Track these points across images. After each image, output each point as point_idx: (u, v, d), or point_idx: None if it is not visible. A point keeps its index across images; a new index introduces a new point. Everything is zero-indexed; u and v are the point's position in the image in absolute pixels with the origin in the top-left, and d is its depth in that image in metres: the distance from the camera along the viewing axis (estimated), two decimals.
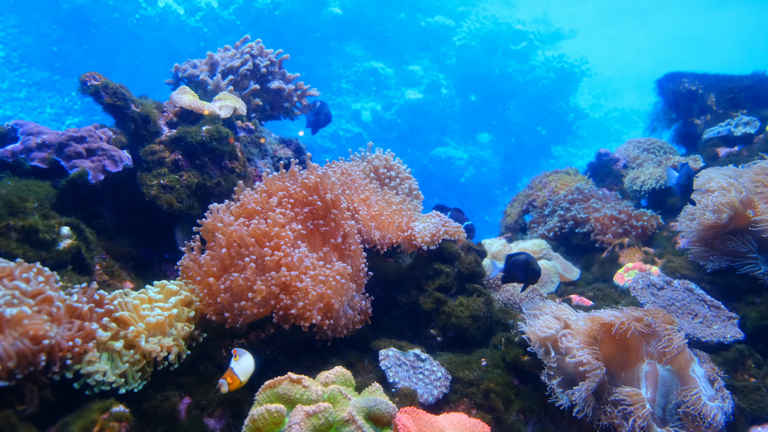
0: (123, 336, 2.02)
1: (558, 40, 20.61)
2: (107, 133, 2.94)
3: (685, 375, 2.32)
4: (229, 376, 1.95)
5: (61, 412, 1.83)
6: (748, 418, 2.46)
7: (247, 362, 2.02)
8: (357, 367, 2.49)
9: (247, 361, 2.02)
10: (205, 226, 2.55)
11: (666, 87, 5.75)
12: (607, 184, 5.43)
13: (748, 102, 5.09)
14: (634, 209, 4.50)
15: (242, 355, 2.03)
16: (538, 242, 4.28)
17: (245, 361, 2.02)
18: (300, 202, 2.69)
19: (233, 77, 3.70)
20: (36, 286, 1.88)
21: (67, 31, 14.86)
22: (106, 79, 2.97)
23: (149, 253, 3.10)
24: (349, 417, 1.77)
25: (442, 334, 2.86)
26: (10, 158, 2.68)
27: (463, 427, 2.11)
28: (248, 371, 2.01)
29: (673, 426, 2.19)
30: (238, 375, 1.96)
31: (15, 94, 14.58)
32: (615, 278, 3.72)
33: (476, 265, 3.12)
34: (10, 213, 2.33)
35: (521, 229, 5.30)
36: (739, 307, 3.09)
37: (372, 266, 2.84)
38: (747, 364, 2.70)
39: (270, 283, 2.29)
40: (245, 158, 3.33)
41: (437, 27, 18.12)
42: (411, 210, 3.17)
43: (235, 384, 1.95)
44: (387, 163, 3.40)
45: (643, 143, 5.46)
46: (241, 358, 2.02)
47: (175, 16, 15.14)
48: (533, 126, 18.89)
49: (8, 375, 1.69)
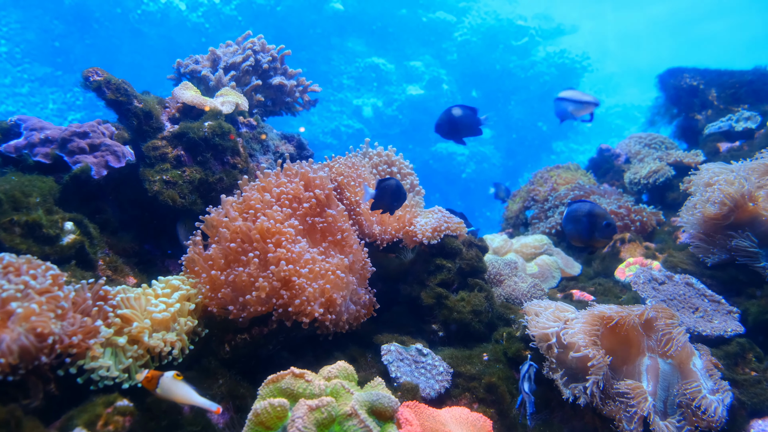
0: (127, 332, 2.03)
1: (559, 35, 20.59)
2: (110, 129, 2.95)
3: (686, 368, 2.33)
4: (155, 378, 1.88)
5: (66, 407, 1.84)
6: (749, 411, 2.46)
7: (175, 386, 1.89)
8: (359, 362, 2.50)
9: (176, 386, 1.90)
10: (208, 221, 2.56)
11: (667, 82, 5.74)
12: (609, 179, 5.44)
13: (749, 97, 5.08)
14: (634, 204, 4.51)
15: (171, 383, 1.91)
16: (539, 237, 4.28)
17: (175, 386, 1.90)
18: (296, 198, 2.69)
19: (235, 73, 3.70)
20: (43, 283, 1.89)
21: (69, 26, 14.87)
22: (109, 74, 2.97)
23: (152, 248, 3.11)
24: (351, 411, 1.78)
25: (444, 329, 2.87)
26: (14, 153, 2.68)
27: (465, 421, 2.12)
28: (174, 394, 1.89)
29: (675, 418, 2.20)
30: (160, 386, 1.88)
31: (17, 90, 14.60)
32: (616, 273, 3.73)
33: (477, 260, 3.13)
34: (14, 208, 2.33)
35: (523, 224, 5.30)
36: (740, 301, 3.10)
37: (374, 261, 2.85)
38: (748, 357, 2.71)
39: (271, 279, 2.30)
40: (247, 154, 3.34)
41: (438, 23, 18.11)
42: (412, 205, 3.18)
43: (150, 384, 1.87)
44: (389, 159, 3.41)
45: (644, 138, 5.45)
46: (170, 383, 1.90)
47: (176, 11, 15.14)
48: (534, 121, 18.90)
49: (12, 370, 1.70)
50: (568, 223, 2.27)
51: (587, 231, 2.22)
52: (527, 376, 2.21)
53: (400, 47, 18.04)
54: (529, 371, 2.23)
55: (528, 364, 2.27)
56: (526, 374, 2.22)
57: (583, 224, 2.22)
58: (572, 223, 2.26)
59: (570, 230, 2.28)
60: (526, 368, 2.25)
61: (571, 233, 2.29)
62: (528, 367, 2.25)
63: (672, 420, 2.19)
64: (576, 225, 2.26)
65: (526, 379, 2.19)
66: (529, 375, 2.23)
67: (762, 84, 5.07)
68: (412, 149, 17.28)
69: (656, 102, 5.90)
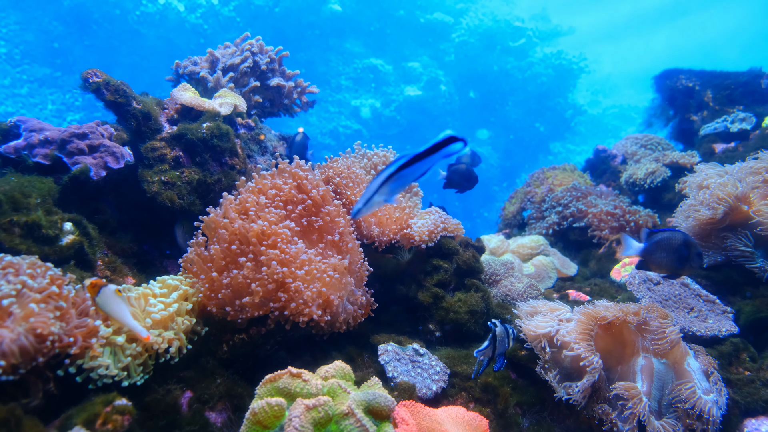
0: (126, 330, 2.04)
1: (556, 36, 20.62)
2: (109, 130, 2.96)
3: (681, 368, 2.35)
4: (98, 286, 1.94)
5: (65, 406, 1.85)
6: (742, 411, 2.49)
7: (113, 301, 1.96)
8: (356, 362, 2.52)
9: (113, 301, 1.96)
10: (207, 222, 2.58)
11: (663, 83, 5.77)
12: (605, 180, 5.46)
13: (744, 98, 5.12)
14: (630, 205, 4.53)
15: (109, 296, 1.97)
16: (536, 238, 4.31)
17: (112, 300, 1.97)
18: (290, 200, 2.71)
19: (233, 74, 3.72)
20: (42, 282, 1.90)
21: (68, 27, 14.86)
22: (108, 76, 2.99)
23: (150, 249, 3.13)
24: (348, 410, 1.80)
25: (441, 329, 2.89)
26: (13, 154, 2.70)
27: (462, 420, 2.13)
28: (110, 308, 1.96)
29: (670, 418, 2.22)
30: (100, 295, 1.95)
31: (16, 91, 14.59)
32: (612, 273, 3.75)
33: (474, 260, 3.15)
34: (14, 209, 2.35)
35: (520, 225, 5.32)
36: (734, 301, 3.13)
37: (371, 262, 2.87)
38: (741, 357, 2.73)
39: (266, 282, 2.31)
40: (245, 155, 3.35)
41: (436, 24, 18.13)
42: (410, 207, 3.20)
43: (93, 290, 1.95)
44: (386, 160, 3.43)
45: (641, 139, 5.48)
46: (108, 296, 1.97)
47: (175, 12, 15.14)
48: (532, 122, 18.91)
49: (12, 369, 1.72)
50: (658, 251, 2.28)
51: (680, 260, 2.25)
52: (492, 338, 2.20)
53: (398, 48, 18.05)
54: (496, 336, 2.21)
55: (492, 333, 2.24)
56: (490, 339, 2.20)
57: (679, 253, 2.24)
58: (664, 252, 2.28)
59: (659, 258, 2.29)
60: (490, 335, 2.23)
61: (660, 261, 2.29)
62: (492, 335, 2.22)
63: (667, 420, 2.21)
64: (668, 254, 2.28)
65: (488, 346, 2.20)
66: (498, 339, 2.20)
67: (756, 85, 5.10)
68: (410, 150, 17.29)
69: (652, 103, 5.94)
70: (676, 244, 2.24)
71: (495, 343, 2.18)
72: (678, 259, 2.26)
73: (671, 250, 2.25)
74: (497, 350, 2.19)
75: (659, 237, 2.24)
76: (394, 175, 1.50)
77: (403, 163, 1.50)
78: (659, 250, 2.26)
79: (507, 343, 2.21)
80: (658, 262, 2.31)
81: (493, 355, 2.20)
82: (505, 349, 2.22)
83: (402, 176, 1.51)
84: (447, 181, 3.21)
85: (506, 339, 2.21)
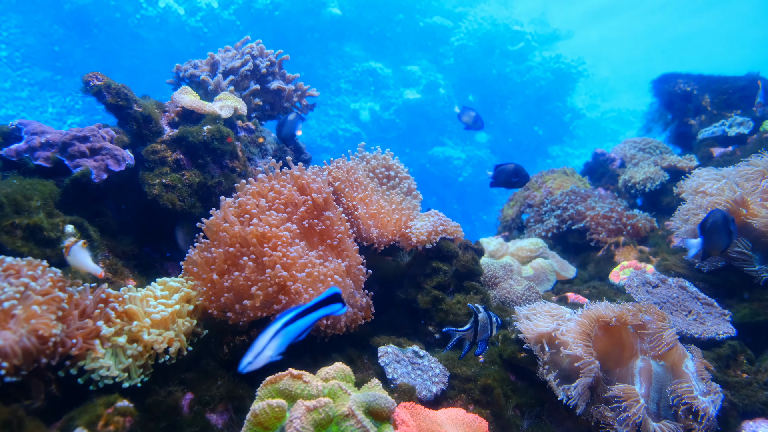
0: (127, 330, 2.06)
1: (555, 40, 20.65)
2: (110, 133, 2.98)
3: (679, 370, 2.36)
4: (69, 247, 2.17)
5: (67, 407, 1.87)
6: (740, 413, 2.50)
7: (77, 252, 2.19)
8: (357, 364, 2.53)
9: (77, 253, 2.19)
10: (208, 225, 2.59)
11: (661, 88, 5.80)
12: (604, 183, 5.48)
13: (741, 102, 5.14)
14: (628, 209, 4.55)
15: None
16: (535, 241, 4.32)
17: (77, 252, 2.19)
18: (291, 202, 2.72)
19: (234, 77, 3.73)
20: (45, 285, 1.91)
21: (68, 31, 14.87)
22: (109, 79, 3.00)
23: (151, 251, 3.14)
24: (349, 411, 1.81)
25: (440, 331, 2.90)
26: (15, 157, 2.71)
27: (461, 421, 2.14)
28: (74, 256, 2.18)
29: (668, 420, 2.23)
30: (71, 252, 2.16)
31: (17, 94, 14.58)
32: (610, 276, 3.77)
33: (473, 263, 3.16)
34: (15, 211, 2.36)
35: (518, 228, 5.34)
36: (732, 303, 3.14)
37: (371, 264, 2.88)
38: (739, 360, 2.74)
39: (268, 284, 2.32)
40: (246, 158, 3.37)
41: (435, 27, 18.15)
42: (409, 209, 3.21)
43: (67, 251, 2.17)
44: (386, 163, 3.44)
45: (639, 143, 5.50)
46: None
47: (175, 16, 15.16)
48: (530, 126, 18.92)
49: (14, 371, 1.73)
50: (714, 236, 2.32)
51: (728, 235, 2.30)
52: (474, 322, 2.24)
53: (398, 52, 18.07)
54: (479, 321, 2.24)
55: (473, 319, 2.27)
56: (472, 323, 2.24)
57: (727, 229, 2.28)
58: (717, 234, 2.33)
59: (717, 241, 2.32)
60: (472, 318, 2.26)
61: (718, 244, 2.33)
62: (474, 318, 2.26)
63: (665, 422, 2.22)
64: (720, 233, 2.32)
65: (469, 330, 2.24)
66: (480, 324, 2.24)
67: (754, 90, 5.12)
68: (409, 153, 17.30)
69: (651, 107, 5.96)
70: (721, 223, 2.28)
71: (477, 327, 2.22)
72: (728, 235, 2.30)
73: (719, 229, 2.29)
74: (479, 335, 2.25)
75: (709, 224, 2.27)
76: (280, 332, 1.62)
77: (288, 320, 1.63)
78: (713, 234, 2.30)
79: (490, 330, 2.28)
80: (717, 246, 2.35)
81: (474, 339, 2.25)
82: (488, 335, 2.28)
83: (287, 332, 1.64)
84: (494, 180, 3.24)
85: (489, 326, 2.27)
